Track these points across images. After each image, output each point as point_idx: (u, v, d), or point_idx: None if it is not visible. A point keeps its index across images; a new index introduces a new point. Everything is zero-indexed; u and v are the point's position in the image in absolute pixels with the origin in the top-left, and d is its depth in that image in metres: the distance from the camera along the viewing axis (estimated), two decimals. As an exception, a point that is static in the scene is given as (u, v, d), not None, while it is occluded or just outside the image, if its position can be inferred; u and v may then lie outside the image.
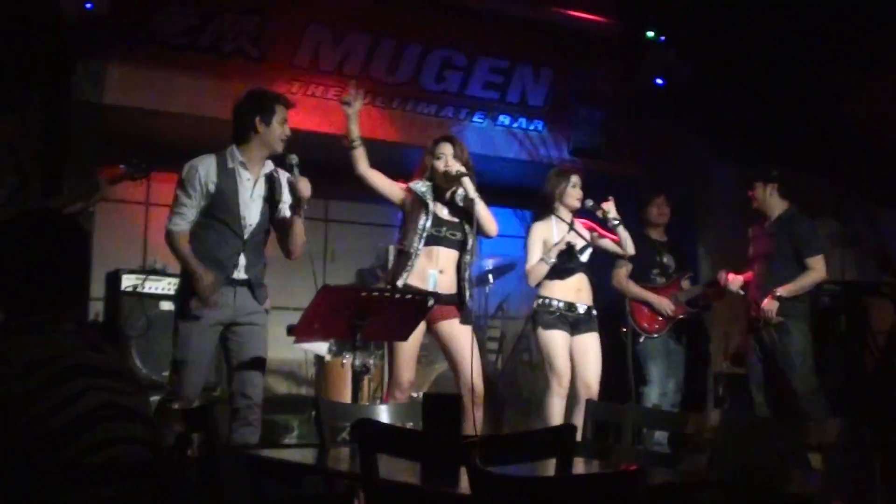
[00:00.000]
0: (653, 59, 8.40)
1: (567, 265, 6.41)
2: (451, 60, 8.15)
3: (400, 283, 5.74)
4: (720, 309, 8.48)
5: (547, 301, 6.43)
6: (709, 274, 8.10)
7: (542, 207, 6.55)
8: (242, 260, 5.36)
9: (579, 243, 6.40)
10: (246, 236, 5.36)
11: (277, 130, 5.43)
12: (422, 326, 5.79)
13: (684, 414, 6.47)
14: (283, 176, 5.53)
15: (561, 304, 6.41)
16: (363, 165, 5.96)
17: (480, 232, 5.91)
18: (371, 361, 7.18)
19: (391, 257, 7.61)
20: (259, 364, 5.43)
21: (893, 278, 7.37)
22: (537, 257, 6.38)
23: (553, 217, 6.50)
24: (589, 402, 4.85)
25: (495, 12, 8.07)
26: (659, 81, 8.46)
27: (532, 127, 8.52)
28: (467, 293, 5.96)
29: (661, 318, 7.58)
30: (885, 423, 6.64)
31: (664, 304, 7.56)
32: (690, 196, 8.56)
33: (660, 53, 8.37)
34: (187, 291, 5.29)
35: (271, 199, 5.48)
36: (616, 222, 6.36)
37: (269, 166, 5.52)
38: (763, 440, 4.17)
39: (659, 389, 7.56)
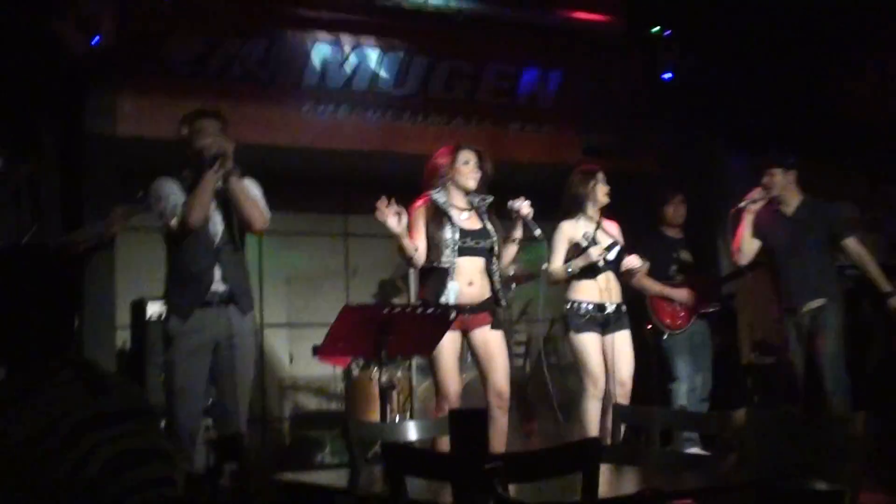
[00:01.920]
0: (660, 54, 8.40)
1: (595, 264, 6.39)
2: (459, 69, 8.17)
3: (444, 300, 5.71)
4: (744, 301, 8.47)
5: (576, 304, 6.42)
6: (729, 267, 8.08)
7: (571, 208, 6.54)
8: (218, 271, 5.34)
9: (609, 255, 6.39)
10: (217, 244, 5.36)
11: (205, 141, 5.37)
12: (459, 337, 5.85)
13: (711, 413, 6.47)
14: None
15: (590, 307, 6.39)
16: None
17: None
18: (398, 375, 7.21)
19: (411, 270, 7.64)
20: (245, 385, 5.42)
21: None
22: (561, 258, 6.41)
23: (582, 216, 6.50)
24: (616, 405, 4.85)
25: (500, 19, 8.07)
26: (668, 76, 8.45)
27: (544, 129, 8.53)
28: (502, 299, 5.99)
29: (683, 314, 7.57)
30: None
31: (685, 296, 7.56)
32: (707, 190, 8.55)
33: (667, 48, 8.36)
34: (166, 315, 5.37)
35: (229, 205, 5.47)
36: (612, 257, 6.41)
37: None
38: (792, 436, 4.17)
39: (687, 385, 7.54)
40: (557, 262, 6.42)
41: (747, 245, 6.88)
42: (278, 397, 8.90)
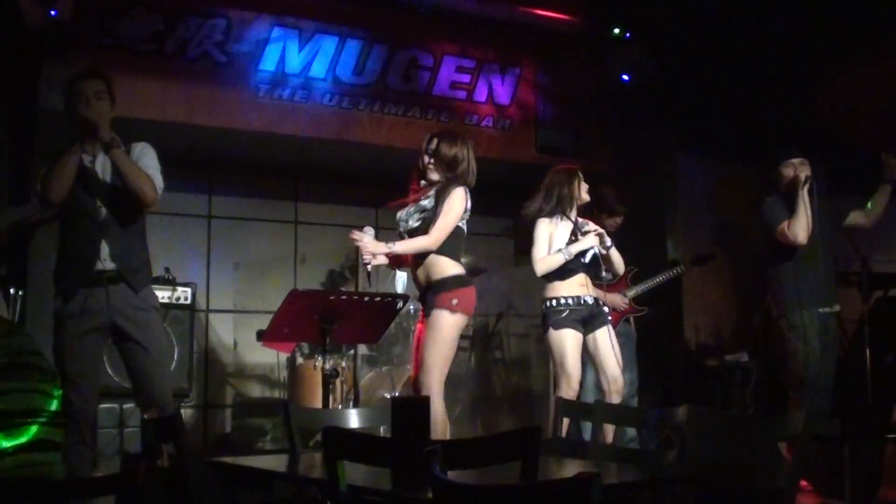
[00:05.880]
0: (619, 55, 8.42)
1: (568, 266, 6.36)
2: (418, 60, 8.15)
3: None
4: (690, 302, 8.52)
5: (554, 301, 6.36)
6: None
7: (554, 207, 6.45)
8: (105, 249, 5.05)
9: (597, 248, 6.36)
10: (101, 219, 5.06)
11: (93, 105, 5.07)
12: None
13: (653, 410, 6.49)
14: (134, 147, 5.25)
15: (570, 301, 6.33)
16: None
17: None
18: (343, 364, 7.17)
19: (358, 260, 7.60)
20: (159, 360, 5.18)
21: (861, 268, 7.39)
22: (545, 249, 6.32)
23: (560, 215, 6.44)
24: (558, 399, 4.86)
25: (461, 12, 8.07)
26: (625, 77, 8.48)
27: (500, 125, 8.53)
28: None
29: (613, 314, 7.62)
30: (856, 414, 6.68)
31: (616, 300, 7.58)
32: (659, 190, 8.60)
33: (626, 49, 8.38)
34: (54, 296, 5.08)
35: (115, 179, 5.14)
36: (609, 244, 6.38)
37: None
38: (733, 434, 4.20)
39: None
40: (544, 251, 6.32)
41: (809, 223, 6.51)
42: (221, 383, 8.83)
